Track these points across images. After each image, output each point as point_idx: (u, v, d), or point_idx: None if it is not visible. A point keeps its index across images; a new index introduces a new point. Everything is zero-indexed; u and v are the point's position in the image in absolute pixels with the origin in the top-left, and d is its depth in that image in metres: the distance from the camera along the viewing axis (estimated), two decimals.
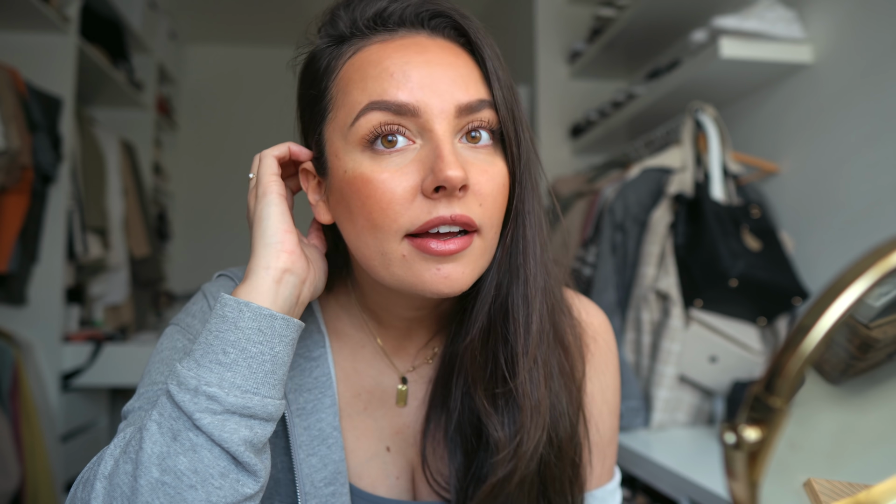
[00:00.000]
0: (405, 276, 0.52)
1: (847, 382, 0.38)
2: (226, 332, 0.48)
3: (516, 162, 0.54)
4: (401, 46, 0.52)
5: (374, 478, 0.61)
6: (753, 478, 0.23)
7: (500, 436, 0.55)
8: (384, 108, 0.50)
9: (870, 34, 1.34)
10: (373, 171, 0.50)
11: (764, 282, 1.31)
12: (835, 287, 0.23)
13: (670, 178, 1.52)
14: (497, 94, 0.53)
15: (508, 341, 0.55)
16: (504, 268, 0.56)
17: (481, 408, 0.56)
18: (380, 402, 0.63)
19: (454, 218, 0.50)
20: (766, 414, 0.23)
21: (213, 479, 0.45)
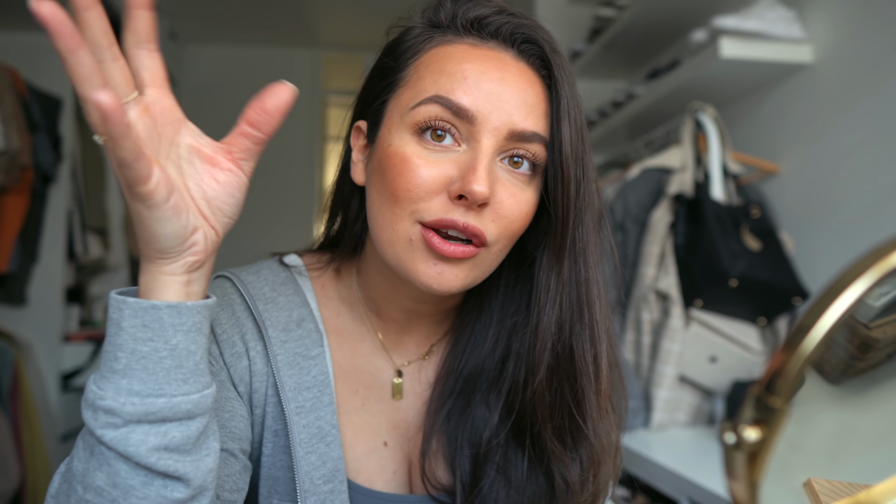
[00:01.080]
0: (404, 259, 0.54)
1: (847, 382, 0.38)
2: (114, 336, 0.43)
3: (572, 200, 0.55)
4: (485, 56, 0.54)
5: (371, 473, 0.62)
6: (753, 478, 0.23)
7: (573, 478, 0.57)
8: (446, 104, 0.52)
9: (869, 34, 1.34)
10: (414, 153, 0.53)
11: (764, 282, 1.31)
12: (835, 287, 0.23)
13: (670, 178, 1.52)
14: (563, 134, 0.54)
15: (576, 382, 0.56)
16: (566, 309, 0.56)
17: (552, 449, 0.57)
18: (377, 398, 0.64)
19: (466, 226, 0.52)
20: (766, 414, 0.23)
21: (134, 490, 0.42)
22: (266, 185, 4.19)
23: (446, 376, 0.65)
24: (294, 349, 0.59)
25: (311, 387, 0.59)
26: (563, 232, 0.55)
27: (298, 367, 0.59)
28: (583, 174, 0.55)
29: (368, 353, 0.65)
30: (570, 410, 0.56)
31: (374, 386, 0.64)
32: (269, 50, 4.23)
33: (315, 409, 0.58)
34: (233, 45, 4.19)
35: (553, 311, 0.56)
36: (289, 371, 0.58)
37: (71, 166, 2.37)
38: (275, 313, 0.60)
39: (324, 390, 0.59)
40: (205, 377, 0.46)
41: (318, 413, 0.58)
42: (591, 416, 0.56)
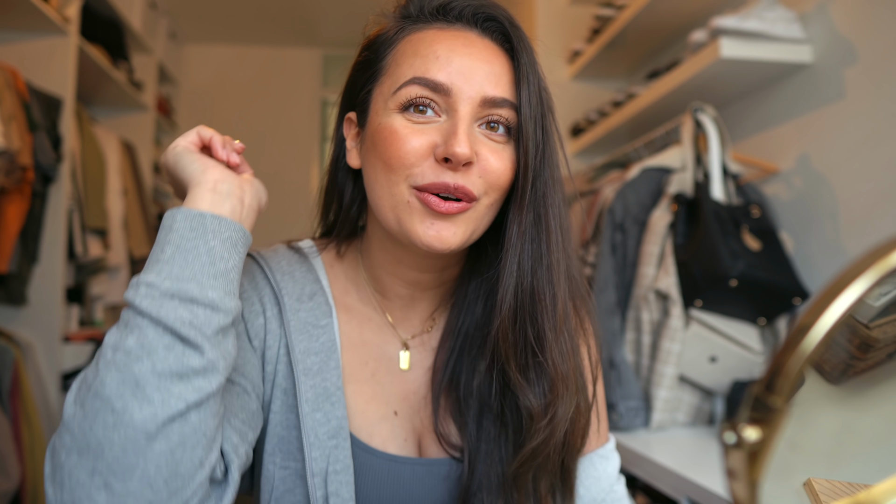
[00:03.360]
0: (404, 221, 0.60)
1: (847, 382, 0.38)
2: (164, 236, 0.53)
3: (531, 156, 0.60)
4: (452, 36, 0.61)
5: (384, 438, 0.66)
6: (753, 478, 0.23)
7: (533, 405, 0.61)
8: (423, 83, 0.59)
9: (869, 34, 1.34)
10: (401, 125, 0.59)
11: (764, 282, 1.31)
12: (835, 287, 0.23)
13: (670, 177, 1.52)
14: (522, 97, 0.60)
15: (536, 320, 0.61)
16: (527, 255, 0.62)
17: (516, 381, 0.62)
18: (386, 370, 0.69)
19: (456, 187, 0.58)
20: (766, 414, 0.23)
21: (157, 351, 0.48)
22: (266, 184, 4.19)
23: (447, 339, 0.71)
24: (305, 318, 0.65)
25: (318, 352, 0.64)
26: (524, 185, 0.61)
27: (308, 334, 0.64)
28: (542, 134, 0.61)
29: (376, 329, 0.70)
30: (533, 347, 0.62)
31: (383, 359, 0.69)
32: (269, 50, 4.23)
33: (321, 372, 0.63)
34: (233, 45, 4.19)
35: (515, 256, 0.61)
36: (300, 336, 0.64)
37: (71, 166, 2.37)
38: (290, 285, 0.67)
39: (330, 356, 0.64)
40: (233, 290, 0.54)
41: (325, 375, 0.63)
42: (549, 351, 0.62)
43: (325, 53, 4.32)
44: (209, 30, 3.97)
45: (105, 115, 3.26)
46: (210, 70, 4.17)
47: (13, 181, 1.92)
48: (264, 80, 4.21)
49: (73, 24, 2.33)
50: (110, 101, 3.16)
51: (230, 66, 4.19)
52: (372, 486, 0.64)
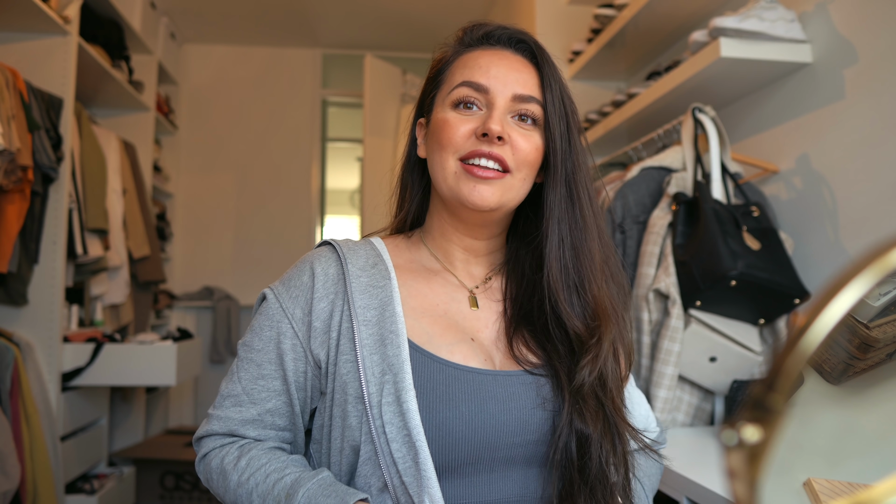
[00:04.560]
0: (453, 186, 0.77)
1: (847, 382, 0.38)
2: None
3: (559, 142, 0.79)
4: (493, 54, 0.82)
5: (465, 355, 0.77)
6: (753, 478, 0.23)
7: (580, 329, 0.77)
8: (469, 84, 0.79)
9: (869, 34, 1.34)
10: (452, 117, 0.79)
11: (764, 282, 1.31)
12: (835, 287, 0.23)
13: (670, 177, 1.52)
14: (546, 96, 0.80)
15: (577, 266, 0.79)
16: (565, 217, 0.79)
17: (565, 312, 0.78)
18: (457, 309, 0.82)
19: (490, 153, 0.76)
20: (766, 414, 0.23)
21: None
22: (266, 184, 4.19)
23: (513, 289, 0.85)
24: (367, 281, 0.78)
25: (376, 307, 0.76)
26: (556, 164, 0.79)
27: (368, 294, 0.77)
28: (566, 126, 0.80)
29: (443, 282, 0.84)
30: (575, 286, 0.79)
31: (453, 302, 0.83)
32: (269, 50, 4.23)
33: (378, 322, 0.75)
34: (233, 45, 4.19)
35: (555, 220, 0.79)
36: (360, 296, 0.77)
37: (71, 166, 2.37)
38: (355, 258, 0.81)
39: (386, 308, 0.76)
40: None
41: (381, 324, 0.75)
42: (590, 286, 0.79)
43: (325, 53, 4.31)
44: (209, 30, 3.97)
45: (105, 115, 3.27)
46: (210, 70, 4.17)
47: (13, 181, 1.92)
48: (264, 80, 4.21)
49: (73, 24, 2.33)
50: (110, 101, 3.16)
51: (230, 66, 4.19)
52: (461, 392, 0.74)
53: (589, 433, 0.73)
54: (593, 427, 0.74)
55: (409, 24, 3.86)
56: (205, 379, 3.92)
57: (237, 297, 4.02)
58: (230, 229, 4.12)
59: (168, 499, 2.92)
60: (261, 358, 0.78)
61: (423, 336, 0.77)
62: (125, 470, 2.80)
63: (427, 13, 3.71)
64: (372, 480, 0.71)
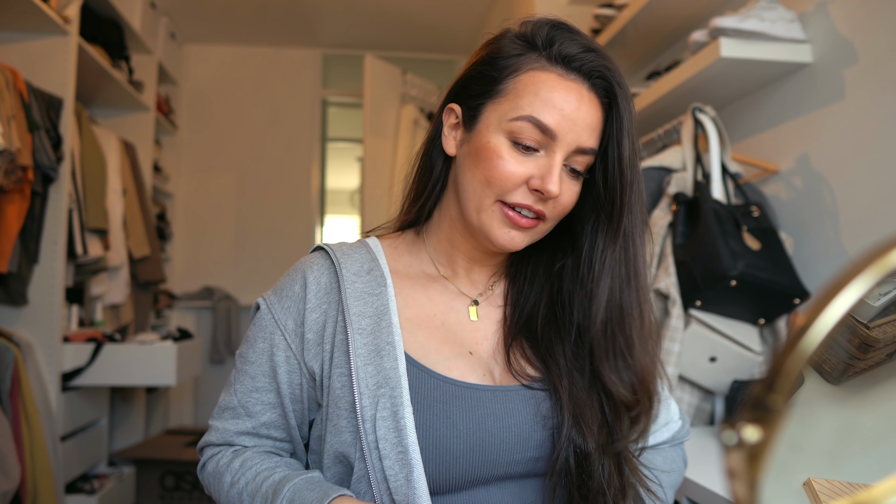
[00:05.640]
0: (486, 224, 0.73)
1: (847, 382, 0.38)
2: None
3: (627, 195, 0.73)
4: (568, 89, 0.71)
5: (462, 370, 0.74)
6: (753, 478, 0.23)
7: (625, 395, 0.73)
8: (536, 123, 0.70)
9: (869, 34, 1.34)
10: (508, 153, 0.71)
11: (764, 282, 1.31)
12: (835, 287, 0.23)
13: (670, 177, 1.52)
14: (618, 148, 0.72)
15: (625, 331, 0.74)
16: (617, 276, 0.74)
17: (608, 379, 0.73)
18: (456, 320, 0.79)
19: (537, 211, 0.72)
20: (766, 414, 0.23)
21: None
22: (266, 184, 4.19)
23: (514, 295, 0.82)
24: (362, 288, 0.75)
25: (371, 315, 0.73)
26: (619, 220, 0.73)
27: (363, 301, 0.74)
28: (635, 177, 0.73)
29: (441, 290, 0.81)
30: (622, 352, 0.74)
31: (451, 312, 0.79)
32: (269, 50, 4.23)
33: (374, 332, 0.72)
34: (233, 45, 4.19)
35: (606, 280, 0.74)
36: (355, 303, 0.74)
37: (71, 166, 2.37)
38: (349, 263, 0.77)
39: (382, 317, 0.73)
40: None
41: (377, 334, 0.72)
42: (637, 354, 0.74)
43: (325, 53, 4.31)
44: (209, 30, 3.97)
45: (105, 115, 3.26)
46: (210, 70, 4.17)
47: (13, 181, 1.92)
48: (264, 80, 4.21)
49: (73, 24, 2.33)
50: (110, 101, 3.16)
51: (230, 66, 4.19)
52: (458, 410, 0.71)
53: (589, 451, 0.71)
54: (591, 439, 0.72)
55: (409, 24, 3.85)
56: (205, 379, 3.92)
57: (237, 297, 4.01)
58: (230, 229, 4.12)
59: (168, 499, 2.92)
60: (255, 370, 0.76)
61: (420, 350, 0.74)
62: (125, 470, 2.80)
63: (427, 13, 3.71)
64: (366, 498, 0.69)
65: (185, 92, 4.11)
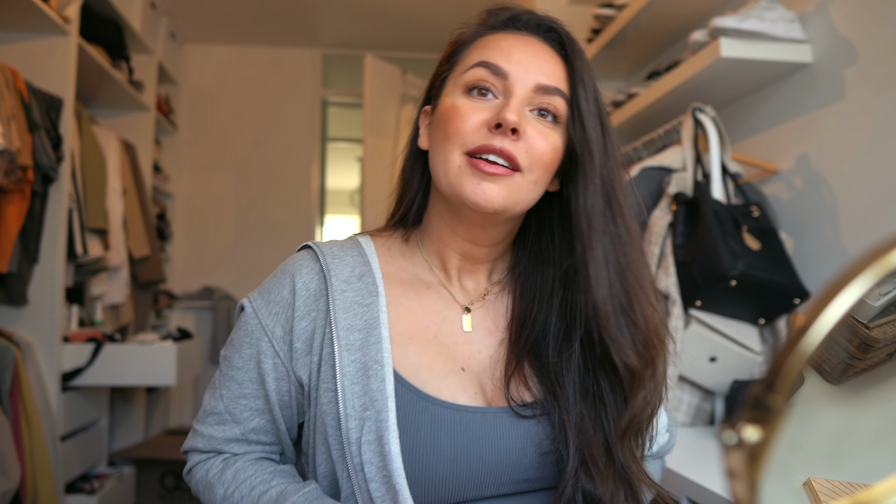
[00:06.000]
0: (455, 182, 0.68)
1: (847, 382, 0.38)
2: None
3: (595, 148, 0.69)
4: (517, 38, 0.72)
5: (453, 390, 0.70)
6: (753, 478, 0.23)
7: (633, 361, 0.67)
8: (486, 66, 0.69)
9: (870, 34, 1.34)
10: (463, 104, 0.69)
11: (764, 282, 1.31)
12: (835, 287, 0.23)
13: (670, 177, 1.52)
14: (579, 94, 0.70)
15: (626, 285, 0.69)
16: (608, 233, 0.69)
17: (616, 342, 0.68)
18: (449, 332, 0.75)
19: (501, 149, 0.66)
20: (766, 414, 0.23)
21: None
22: (266, 184, 4.19)
23: (522, 314, 0.76)
24: (352, 297, 0.71)
25: (361, 329, 0.70)
26: (592, 170, 0.69)
27: (353, 313, 0.70)
28: (602, 129, 0.70)
29: (435, 296, 0.76)
30: (625, 310, 0.69)
31: (444, 322, 0.75)
32: (269, 50, 4.23)
33: (363, 348, 0.69)
34: (233, 45, 4.19)
35: (597, 237, 0.69)
36: (344, 315, 0.70)
37: (71, 166, 2.37)
38: (340, 267, 0.73)
39: (371, 332, 0.69)
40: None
41: (365, 351, 0.68)
42: (640, 312, 0.69)
43: (325, 53, 4.31)
44: (209, 30, 3.97)
45: (105, 115, 3.26)
46: (210, 70, 4.16)
47: (13, 181, 1.92)
48: (264, 80, 4.21)
49: (73, 24, 2.33)
50: (110, 101, 3.16)
51: (230, 66, 4.19)
52: (445, 435, 0.68)
53: (599, 496, 0.67)
54: (602, 484, 0.67)
55: (409, 24, 3.85)
56: (205, 379, 3.92)
57: (237, 297, 4.01)
58: (230, 229, 4.12)
59: (168, 499, 2.92)
60: (241, 376, 0.73)
61: (410, 367, 0.70)
62: (125, 470, 2.80)
63: (427, 13, 3.71)
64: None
65: (185, 92, 4.11)
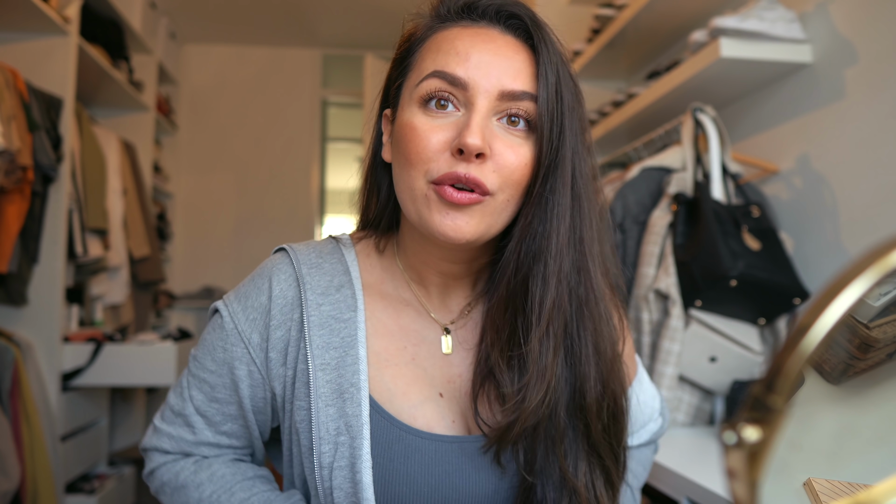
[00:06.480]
0: (423, 213, 0.61)
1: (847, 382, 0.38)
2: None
3: (545, 152, 0.61)
4: (474, 34, 0.63)
5: (429, 419, 0.67)
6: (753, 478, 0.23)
7: (507, 391, 0.63)
8: (442, 77, 0.61)
9: (869, 34, 1.34)
10: (420, 122, 0.61)
11: (764, 282, 1.31)
12: (835, 287, 0.23)
13: (670, 177, 1.52)
14: (541, 91, 0.61)
15: (525, 312, 0.63)
16: (525, 248, 0.63)
17: (496, 365, 0.64)
18: (427, 354, 0.70)
19: (467, 177, 0.58)
20: (766, 414, 0.23)
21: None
22: (266, 184, 4.19)
23: (491, 329, 0.69)
24: (328, 312, 0.66)
25: (338, 346, 0.65)
26: (534, 180, 0.61)
27: (329, 328, 0.66)
28: (558, 131, 0.61)
29: (414, 315, 0.71)
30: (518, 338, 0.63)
31: (423, 343, 0.70)
32: (269, 50, 4.23)
33: (339, 367, 0.64)
34: (233, 45, 4.19)
35: (516, 246, 0.63)
36: (320, 331, 0.65)
37: (71, 166, 2.37)
38: (317, 277, 0.68)
39: (349, 351, 0.65)
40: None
41: (341, 371, 0.64)
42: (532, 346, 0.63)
43: (325, 53, 4.31)
44: (209, 30, 3.97)
45: (105, 115, 3.26)
46: (210, 70, 4.17)
47: (13, 181, 1.92)
48: (264, 80, 4.21)
49: (73, 24, 2.33)
50: (110, 101, 3.16)
51: (230, 66, 4.19)
52: (419, 466, 0.64)
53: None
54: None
55: None
56: None
57: None
58: (230, 229, 4.12)
59: None
60: (214, 380, 0.69)
61: (385, 393, 0.66)
62: (125, 470, 2.80)
63: None
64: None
65: (185, 92, 4.11)
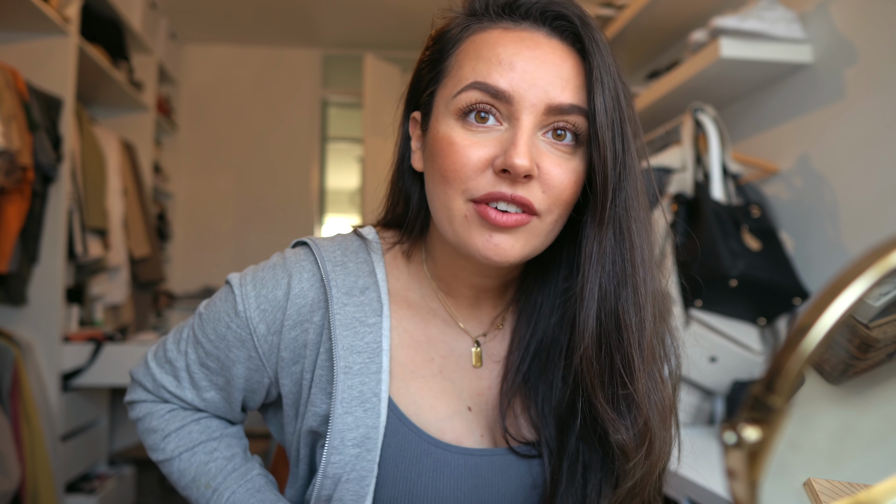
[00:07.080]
0: (462, 235, 0.57)
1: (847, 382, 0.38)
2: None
3: (610, 168, 0.56)
4: (518, 38, 0.56)
5: (458, 433, 0.64)
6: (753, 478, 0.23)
7: (626, 441, 0.57)
8: (484, 89, 0.55)
9: (870, 34, 1.34)
10: (459, 137, 0.56)
11: (764, 282, 1.31)
12: (835, 287, 0.23)
13: (670, 177, 1.52)
14: (596, 102, 0.55)
15: (623, 348, 0.57)
16: (609, 276, 0.57)
17: (604, 415, 0.58)
18: (456, 366, 0.67)
19: (514, 197, 0.54)
20: (766, 414, 0.23)
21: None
22: (266, 184, 4.19)
23: (517, 345, 0.68)
24: (353, 313, 0.62)
25: (362, 351, 0.61)
26: (604, 200, 0.56)
27: (354, 331, 0.62)
28: (622, 142, 0.56)
29: (442, 326, 0.67)
30: (622, 377, 0.57)
31: (452, 356, 0.67)
32: (269, 50, 4.23)
33: (361, 373, 0.61)
34: (233, 45, 4.19)
35: (595, 278, 0.57)
36: (344, 332, 0.61)
37: (71, 166, 2.37)
38: (342, 276, 0.64)
39: (373, 358, 0.61)
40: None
41: (364, 378, 0.61)
42: (638, 381, 0.57)
43: (325, 53, 4.31)
44: (209, 30, 3.97)
45: (105, 115, 3.26)
46: (210, 70, 4.16)
47: (13, 181, 1.92)
48: (264, 80, 4.21)
49: (73, 24, 2.33)
50: (110, 101, 3.16)
51: (230, 66, 4.19)
52: (448, 480, 0.62)
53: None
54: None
55: (409, 23, 3.85)
56: None
57: None
58: (230, 229, 4.12)
59: (168, 499, 2.92)
60: (210, 348, 0.67)
61: (412, 405, 0.63)
62: (125, 470, 2.80)
63: (428, 13, 3.69)
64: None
65: (185, 92, 4.11)
